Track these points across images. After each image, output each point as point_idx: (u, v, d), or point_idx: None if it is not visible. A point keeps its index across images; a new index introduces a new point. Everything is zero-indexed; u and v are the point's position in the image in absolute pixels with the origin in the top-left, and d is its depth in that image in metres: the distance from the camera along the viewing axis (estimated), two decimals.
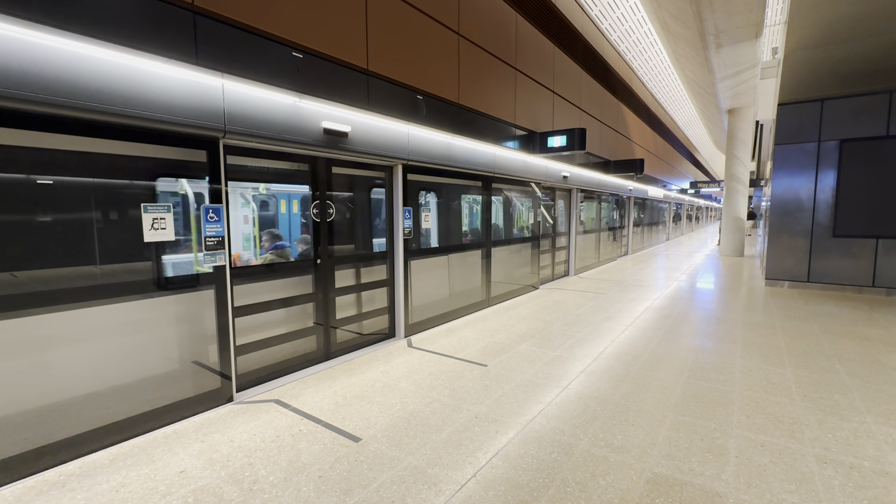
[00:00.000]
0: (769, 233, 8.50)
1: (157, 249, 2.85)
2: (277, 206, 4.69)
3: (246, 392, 3.48)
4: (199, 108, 2.92)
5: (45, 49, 2.27)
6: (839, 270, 7.71)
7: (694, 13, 8.05)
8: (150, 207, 2.79)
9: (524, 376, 3.80)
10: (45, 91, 2.27)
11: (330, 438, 2.78)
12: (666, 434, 2.82)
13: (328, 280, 4.17)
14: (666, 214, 21.39)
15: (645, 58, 12.15)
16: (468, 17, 5.42)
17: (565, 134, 6.85)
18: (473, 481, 2.34)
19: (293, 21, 3.40)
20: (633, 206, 14.98)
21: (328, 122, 3.83)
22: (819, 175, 7.74)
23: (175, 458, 2.56)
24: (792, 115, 7.90)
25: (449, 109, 5.22)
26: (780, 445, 2.69)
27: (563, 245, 9.76)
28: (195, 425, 2.95)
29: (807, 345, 4.64)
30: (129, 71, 2.57)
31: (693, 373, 3.86)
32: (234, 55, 3.05)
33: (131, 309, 2.75)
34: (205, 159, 3.07)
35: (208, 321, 3.15)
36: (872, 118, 7.22)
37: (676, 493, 2.23)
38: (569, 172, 8.86)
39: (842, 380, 3.70)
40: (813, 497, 2.20)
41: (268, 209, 4.59)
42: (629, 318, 5.83)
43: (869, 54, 6.48)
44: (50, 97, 2.28)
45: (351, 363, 4.15)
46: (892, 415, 3.08)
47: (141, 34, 2.57)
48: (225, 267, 3.20)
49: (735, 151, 13.86)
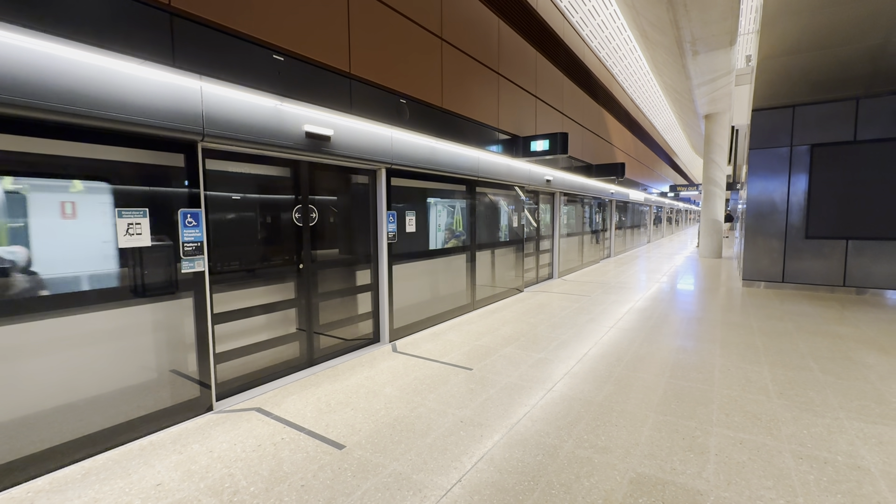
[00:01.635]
0: (745, 235, 8.73)
1: (133, 255, 2.77)
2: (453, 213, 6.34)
3: (226, 401, 3.40)
4: (177, 110, 2.86)
5: (12, 49, 2.20)
6: (812, 271, 7.96)
7: (671, 21, 8.26)
8: (125, 212, 2.71)
9: (509, 379, 3.81)
10: (11, 92, 2.19)
11: (313, 446, 2.74)
12: (648, 434, 2.86)
13: (311, 285, 4.12)
14: (647, 217, 21.80)
15: (625, 64, 12.40)
16: (450, 22, 5.44)
17: (548, 138, 6.93)
18: (459, 486, 2.33)
19: (274, 23, 3.36)
20: (614, 210, 15.23)
21: (310, 125, 3.79)
22: (792, 178, 8.00)
23: (151, 471, 2.48)
24: (765, 121, 8.15)
25: (432, 113, 5.23)
26: (757, 442, 2.75)
27: (547, 248, 9.85)
28: (173, 436, 2.87)
29: (782, 343, 4.77)
30: (102, 72, 2.51)
31: (674, 373, 3.92)
32: (213, 57, 3.00)
33: (106, 317, 2.66)
34: (182, 163, 3.00)
35: (187, 329, 3.07)
36: (841, 124, 7.50)
37: (659, 493, 2.26)
38: (552, 176, 8.96)
39: (816, 377, 3.81)
40: (789, 492, 2.25)
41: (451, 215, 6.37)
42: (612, 320, 5.90)
43: (835, 63, 6.75)
44: (17, 98, 2.20)
45: (335, 369, 4.10)
46: (863, 410, 3.18)
47: (115, 34, 2.51)
48: (204, 273, 3.13)
49: (712, 156, 14.23)
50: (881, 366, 4.06)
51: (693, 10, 7.72)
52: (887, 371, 3.93)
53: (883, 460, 2.54)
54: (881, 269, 7.40)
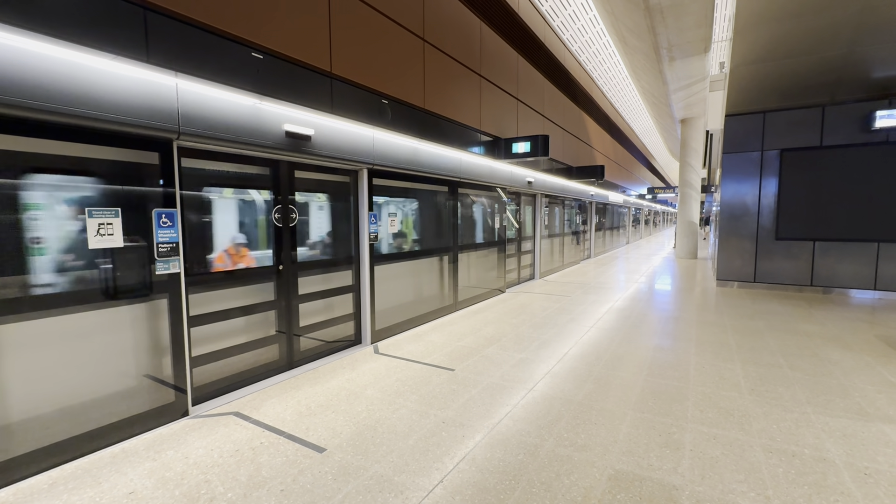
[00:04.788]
0: (719, 236, 9.00)
1: (105, 256, 2.69)
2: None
3: (203, 405, 3.32)
4: (151, 108, 2.78)
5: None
6: (782, 271, 8.26)
7: (648, 27, 8.47)
8: (96, 212, 2.62)
9: (491, 379, 3.84)
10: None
11: (293, 450, 2.70)
12: (626, 431, 2.92)
13: (291, 287, 4.06)
14: (626, 219, 22.24)
15: (604, 68, 12.64)
16: (433, 24, 5.45)
17: (529, 140, 7.01)
18: (441, 487, 2.33)
19: (252, 21, 3.31)
20: (594, 211, 15.49)
21: (290, 124, 3.74)
22: (763, 182, 8.29)
23: (123, 479, 2.40)
24: (738, 126, 8.43)
25: (414, 114, 5.22)
26: (730, 438, 2.84)
27: (529, 249, 9.95)
28: (146, 443, 2.79)
29: (754, 341, 4.94)
30: (72, 67, 2.42)
31: (652, 371, 4.02)
32: (190, 54, 2.93)
33: (76, 320, 2.57)
34: (157, 162, 2.92)
35: (162, 332, 2.99)
36: (808, 130, 7.82)
37: (636, 489, 2.31)
38: (533, 178, 9.06)
39: (785, 373, 3.96)
40: (760, 485, 2.33)
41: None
42: (592, 320, 6.00)
43: (802, 71, 7.03)
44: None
45: (315, 371, 4.05)
46: (829, 404, 3.32)
47: (86, 29, 2.43)
48: (179, 275, 3.05)
49: (688, 159, 14.62)
50: (845, 362, 4.24)
51: (669, 17, 7.93)
52: (850, 367, 4.11)
53: (846, 452, 2.66)
54: (845, 269, 7.73)
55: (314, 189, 4.41)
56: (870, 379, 3.81)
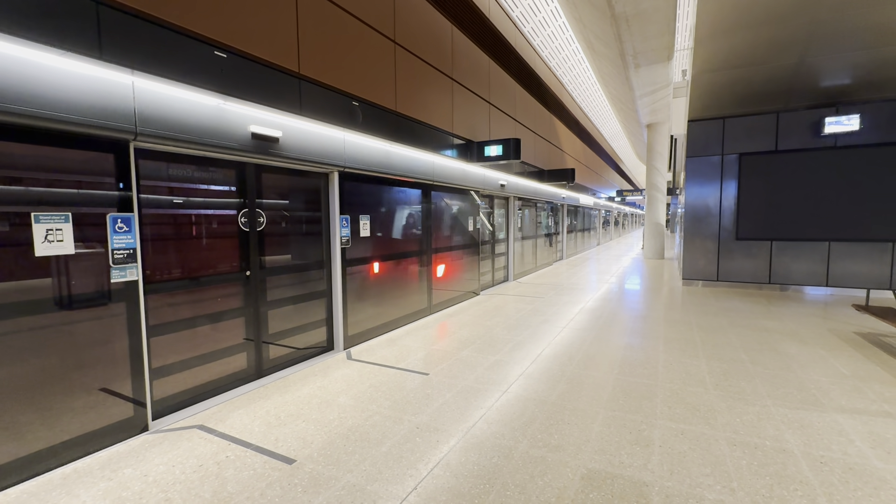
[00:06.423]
0: (684, 237, 9.33)
1: (56, 264, 2.52)
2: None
3: (164, 419, 3.16)
4: (105, 107, 2.65)
5: None
6: (743, 270, 8.64)
7: (615, 35, 8.72)
8: (43, 217, 2.46)
9: (465, 383, 3.82)
10: None
11: (260, 463, 2.60)
12: (598, 430, 2.96)
13: (259, 293, 3.94)
14: (596, 221, 22.78)
15: (574, 74, 12.93)
16: (404, 26, 5.43)
17: (501, 144, 7.07)
18: (414, 494, 2.29)
19: (215, 18, 3.19)
20: (566, 213, 15.78)
21: (257, 126, 3.63)
22: (724, 185, 8.65)
23: (75, 502, 2.25)
24: (700, 131, 8.78)
25: (386, 117, 5.18)
26: (697, 432, 2.92)
27: (503, 251, 10.03)
28: (101, 461, 2.62)
29: (717, 338, 5.13)
30: (16, 63, 2.27)
31: (622, 369, 4.10)
32: (147, 51, 2.80)
33: (24, 333, 2.39)
34: (112, 164, 2.77)
35: (118, 343, 2.83)
36: (764, 135, 8.22)
37: (608, 487, 2.34)
38: (506, 181, 9.14)
39: (747, 368, 4.12)
40: (725, 478, 2.41)
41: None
42: (564, 320, 6.09)
43: (758, 79, 7.40)
44: None
45: (285, 380, 3.93)
46: (787, 397, 3.47)
47: (30, 21, 2.28)
48: (137, 282, 2.90)
49: (654, 163, 15.13)
50: (801, 356, 4.46)
51: (634, 25, 8.19)
52: (806, 360, 4.32)
53: (804, 442, 2.78)
54: (799, 267, 8.16)
55: (283, 192, 4.29)
56: (824, 371, 4.02)
